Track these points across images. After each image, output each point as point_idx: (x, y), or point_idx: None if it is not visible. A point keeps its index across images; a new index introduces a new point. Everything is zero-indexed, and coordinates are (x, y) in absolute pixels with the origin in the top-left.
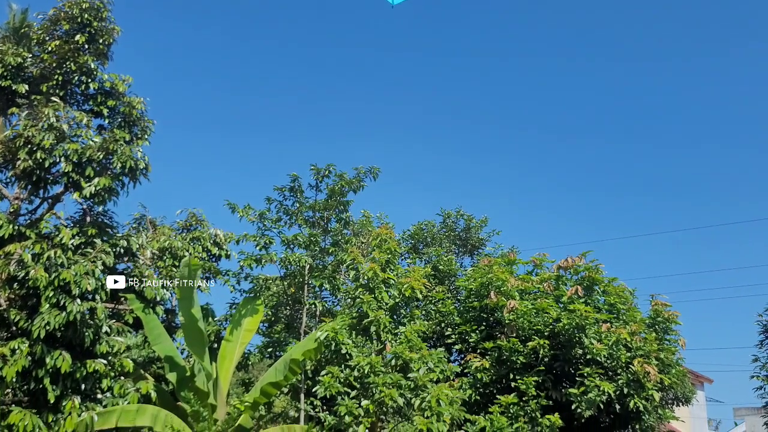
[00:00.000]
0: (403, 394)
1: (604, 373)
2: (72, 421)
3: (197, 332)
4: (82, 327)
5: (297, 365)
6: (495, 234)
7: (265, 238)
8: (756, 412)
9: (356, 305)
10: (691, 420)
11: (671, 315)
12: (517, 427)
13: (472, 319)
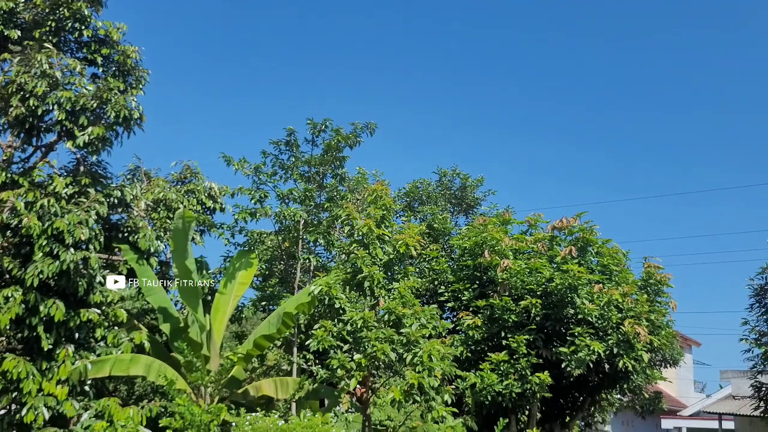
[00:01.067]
0: (395, 349)
1: (594, 333)
2: (66, 368)
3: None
4: (75, 276)
5: (290, 319)
6: (491, 194)
7: (260, 191)
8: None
9: (350, 260)
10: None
11: (663, 277)
12: (507, 384)
13: (466, 278)
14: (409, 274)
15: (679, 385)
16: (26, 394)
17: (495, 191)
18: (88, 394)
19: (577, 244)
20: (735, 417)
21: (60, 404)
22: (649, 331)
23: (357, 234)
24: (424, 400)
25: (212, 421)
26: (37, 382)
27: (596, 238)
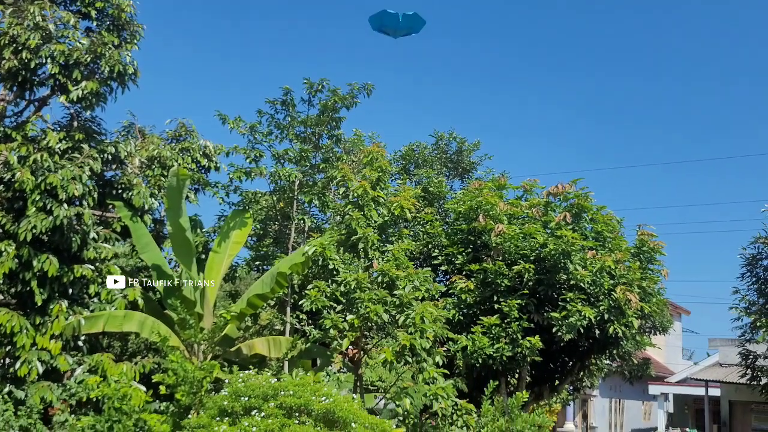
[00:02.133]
0: (388, 311)
1: (586, 298)
2: (59, 323)
3: (185, 242)
4: (69, 232)
5: (284, 279)
6: (487, 158)
7: (255, 151)
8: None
9: (345, 222)
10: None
11: (656, 245)
12: (498, 347)
13: (460, 242)
14: (403, 236)
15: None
16: (20, 348)
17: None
18: (82, 349)
19: (571, 211)
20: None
21: (53, 359)
22: (641, 298)
23: (352, 195)
24: (415, 362)
25: (205, 377)
26: (31, 336)
27: (591, 204)
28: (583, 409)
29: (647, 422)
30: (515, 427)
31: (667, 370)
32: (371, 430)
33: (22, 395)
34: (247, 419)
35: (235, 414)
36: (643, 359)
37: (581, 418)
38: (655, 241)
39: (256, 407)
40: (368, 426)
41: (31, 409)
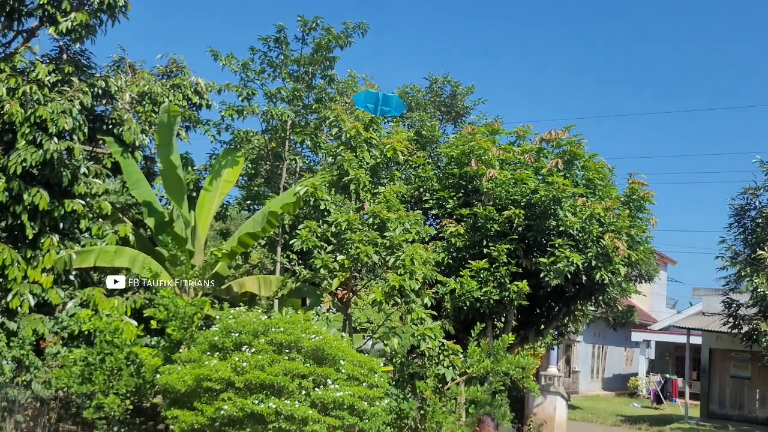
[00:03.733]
0: (379, 252)
1: (574, 245)
2: (50, 257)
3: (176, 179)
4: (59, 166)
5: (275, 218)
6: (480, 102)
7: (247, 89)
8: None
9: (337, 163)
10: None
11: (646, 194)
12: (486, 291)
13: (451, 186)
14: (395, 179)
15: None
16: (11, 280)
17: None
18: (73, 283)
19: (563, 157)
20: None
21: (45, 292)
22: (628, 245)
23: (345, 136)
24: (404, 303)
25: (196, 313)
26: (22, 269)
27: (583, 152)
28: (566, 354)
29: (628, 368)
30: (500, 368)
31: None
32: (359, 368)
33: (14, 327)
34: (238, 354)
35: (225, 349)
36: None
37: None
38: (645, 189)
39: (247, 343)
40: (356, 363)
41: (23, 340)
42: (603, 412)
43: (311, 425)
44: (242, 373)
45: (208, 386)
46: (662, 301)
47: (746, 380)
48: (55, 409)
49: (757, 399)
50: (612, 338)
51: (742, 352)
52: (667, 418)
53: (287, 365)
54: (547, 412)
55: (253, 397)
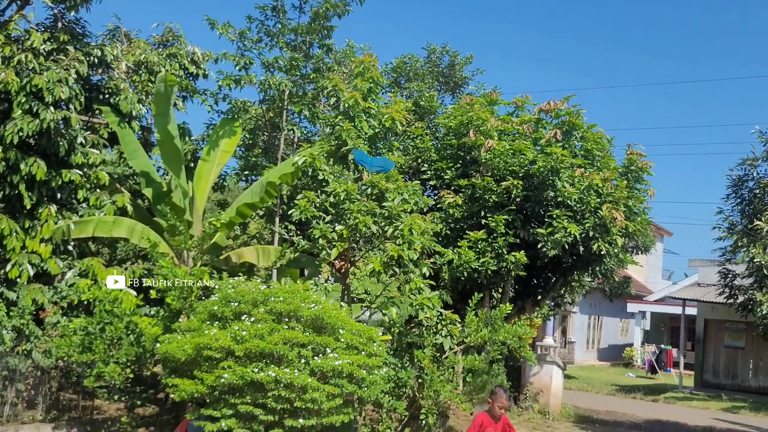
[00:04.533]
0: (377, 222)
1: (572, 216)
2: (48, 227)
3: (174, 150)
4: (56, 136)
5: (273, 188)
6: (479, 73)
7: (244, 58)
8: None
9: (335, 133)
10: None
11: (644, 165)
12: (484, 261)
13: (449, 157)
14: (393, 149)
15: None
16: (10, 250)
17: (483, 71)
18: (72, 253)
19: (562, 128)
20: (698, 303)
21: (44, 262)
22: (626, 216)
23: (343, 106)
24: (402, 273)
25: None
26: (21, 239)
27: (582, 122)
28: (562, 325)
29: (624, 338)
30: (498, 337)
31: (646, 289)
32: (358, 337)
33: (13, 296)
34: (237, 323)
35: (225, 319)
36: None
37: (560, 334)
38: (643, 160)
39: (246, 312)
40: (355, 332)
41: (23, 310)
42: (598, 381)
43: (310, 393)
44: (242, 342)
45: (208, 355)
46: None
47: (740, 350)
48: (56, 378)
49: (751, 369)
50: (607, 309)
51: (737, 323)
52: (662, 388)
53: (287, 334)
54: (544, 381)
55: (252, 365)
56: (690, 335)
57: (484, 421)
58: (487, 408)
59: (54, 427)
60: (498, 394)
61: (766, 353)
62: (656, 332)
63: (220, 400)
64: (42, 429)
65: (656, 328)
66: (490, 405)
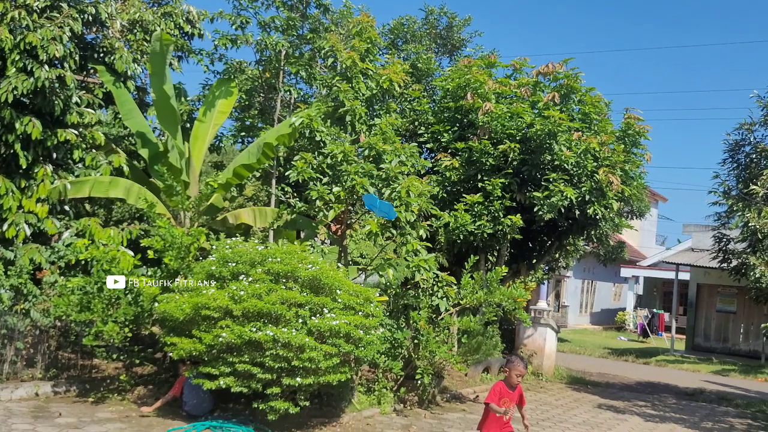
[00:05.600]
0: (374, 184)
1: (569, 179)
2: (45, 187)
3: (170, 110)
4: (51, 95)
5: (270, 149)
6: (477, 35)
7: (240, 17)
8: (703, 229)
9: (332, 94)
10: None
11: (642, 129)
12: (480, 224)
13: (446, 120)
14: (391, 110)
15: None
16: (6, 210)
17: (481, 33)
18: (68, 213)
19: (560, 91)
20: (692, 267)
21: (40, 222)
22: (622, 180)
23: (340, 67)
24: (399, 234)
25: (192, 243)
26: (17, 199)
27: (580, 86)
28: (556, 289)
29: (617, 303)
30: (493, 299)
31: (639, 254)
32: (355, 297)
33: (11, 256)
34: (235, 283)
35: (222, 279)
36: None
37: (554, 298)
38: (641, 125)
39: (244, 273)
40: (352, 293)
41: (20, 269)
42: (591, 344)
43: (308, 352)
44: (240, 301)
45: (206, 314)
46: (652, 237)
47: (731, 314)
48: (55, 337)
49: (741, 333)
50: (601, 274)
51: (729, 287)
52: (653, 351)
53: (284, 294)
54: (537, 343)
55: (250, 325)
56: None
57: (501, 390)
58: (504, 377)
59: (53, 385)
60: (514, 363)
61: (757, 317)
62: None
63: (218, 359)
64: (41, 387)
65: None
66: (506, 374)
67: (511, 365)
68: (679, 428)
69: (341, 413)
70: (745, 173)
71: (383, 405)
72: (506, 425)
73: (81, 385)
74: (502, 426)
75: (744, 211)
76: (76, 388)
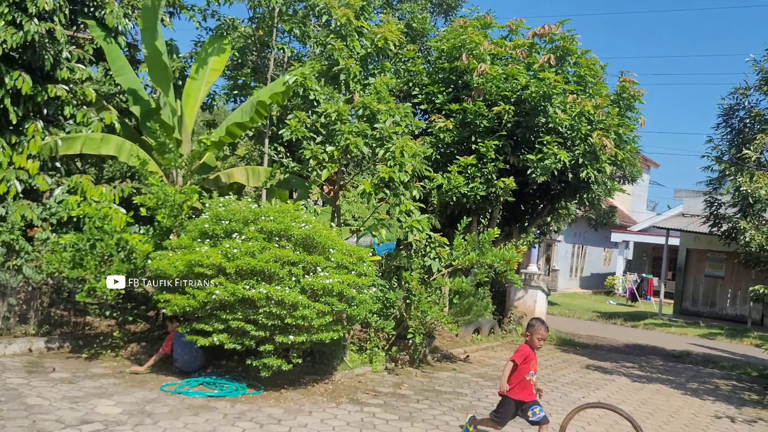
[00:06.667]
0: (368, 144)
1: (562, 142)
2: (35, 143)
3: (161, 66)
4: (41, 49)
5: (263, 108)
6: None
7: None
8: (694, 194)
9: (327, 52)
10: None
11: (637, 92)
12: (473, 186)
13: (441, 81)
14: (386, 70)
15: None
16: None
17: None
18: (60, 170)
19: (556, 53)
20: (682, 232)
21: (32, 178)
22: (616, 144)
23: (335, 24)
24: (392, 195)
25: (185, 201)
26: (8, 155)
27: (576, 48)
28: (547, 253)
29: (606, 267)
30: (485, 260)
31: (630, 220)
32: (348, 256)
33: (2, 212)
34: (228, 241)
35: (215, 237)
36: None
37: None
38: (636, 88)
39: (237, 231)
40: (345, 252)
41: (12, 225)
42: (580, 308)
43: (301, 310)
44: (233, 259)
45: (199, 272)
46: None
47: (720, 279)
48: (47, 293)
49: (729, 297)
50: (592, 238)
51: (718, 252)
52: (641, 315)
53: (277, 252)
54: (528, 305)
55: (243, 282)
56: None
57: (528, 353)
58: (526, 340)
59: (47, 341)
60: (536, 327)
61: (745, 282)
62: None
63: (211, 316)
64: (35, 342)
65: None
66: (528, 338)
67: (533, 329)
68: (665, 388)
69: (333, 371)
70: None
71: (375, 363)
72: (530, 386)
73: (74, 342)
74: (526, 385)
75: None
76: (69, 345)
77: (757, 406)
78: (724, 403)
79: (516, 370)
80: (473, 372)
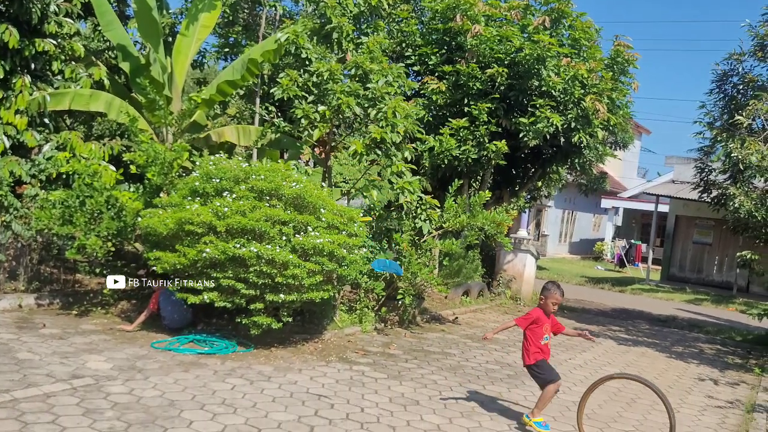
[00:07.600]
0: (360, 104)
1: (555, 106)
2: (23, 98)
3: (151, 22)
4: (27, 2)
5: (255, 66)
6: None
7: None
8: (685, 161)
9: (319, 10)
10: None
11: (631, 57)
12: (465, 149)
13: (434, 42)
14: (379, 29)
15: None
16: None
17: None
18: (48, 126)
19: (551, 15)
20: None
21: (20, 134)
22: (609, 109)
23: None
24: (384, 156)
25: (176, 159)
26: None
27: (571, 10)
28: (537, 218)
29: (596, 233)
30: (476, 222)
31: (620, 186)
32: (339, 216)
33: None
34: (219, 200)
35: (206, 195)
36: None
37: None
38: (630, 53)
39: (228, 189)
40: (336, 212)
41: (0, 181)
42: (568, 273)
43: (292, 269)
44: (223, 218)
45: (189, 230)
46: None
47: (707, 246)
48: (37, 250)
49: (716, 264)
50: (582, 204)
51: (707, 219)
52: (629, 280)
53: (268, 211)
54: (517, 269)
55: (234, 241)
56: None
57: (539, 317)
58: (540, 303)
59: (36, 298)
60: (551, 291)
61: (732, 249)
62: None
63: (201, 275)
64: (24, 299)
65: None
66: (542, 302)
67: (548, 293)
68: (650, 351)
69: (323, 330)
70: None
71: (364, 324)
72: (548, 349)
73: (64, 299)
74: (544, 349)
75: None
76: (59, 301)
77: (740, 369)
78: (708, 366)
79: (530, 337)
80: (461, 333)
